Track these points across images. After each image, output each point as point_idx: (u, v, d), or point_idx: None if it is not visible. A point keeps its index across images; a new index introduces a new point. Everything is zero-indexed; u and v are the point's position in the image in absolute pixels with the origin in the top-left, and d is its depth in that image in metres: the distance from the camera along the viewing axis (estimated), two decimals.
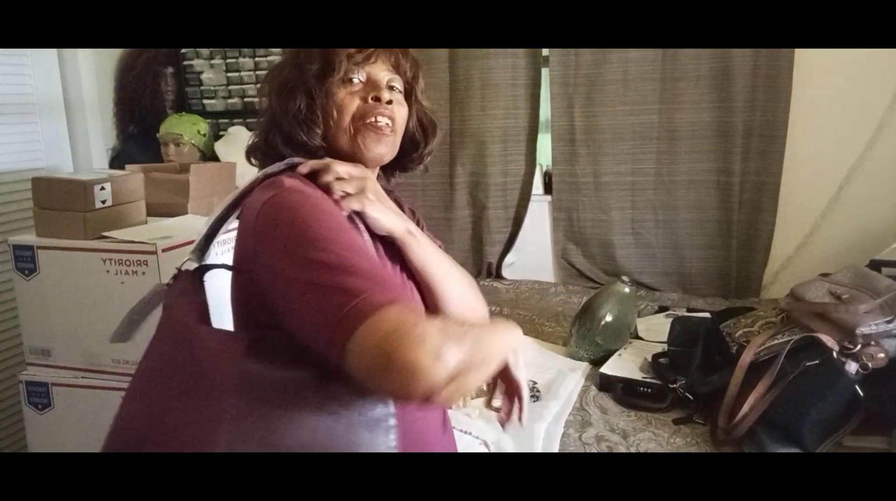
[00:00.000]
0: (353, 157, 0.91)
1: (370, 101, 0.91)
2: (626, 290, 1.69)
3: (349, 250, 0.74)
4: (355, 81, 0.92)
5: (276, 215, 0.78)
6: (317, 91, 0.90)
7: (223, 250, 0.97)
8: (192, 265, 0.84)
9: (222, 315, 0.86)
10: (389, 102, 0.93)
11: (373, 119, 0.91)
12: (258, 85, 2.62)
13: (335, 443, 0.73)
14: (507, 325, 0.80)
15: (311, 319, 0.70)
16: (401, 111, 0.95)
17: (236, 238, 0.84)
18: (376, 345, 0.65)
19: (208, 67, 2.66)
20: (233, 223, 0.88)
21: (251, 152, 0.99)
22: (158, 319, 0.80)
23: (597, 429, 1.27)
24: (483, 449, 1.17)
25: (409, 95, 0.99)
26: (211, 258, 0.88)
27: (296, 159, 0.89)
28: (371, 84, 0.93)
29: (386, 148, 0.94)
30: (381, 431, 0.74)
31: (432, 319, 0.72)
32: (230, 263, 0.85)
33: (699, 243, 2.28)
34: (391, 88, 0.95)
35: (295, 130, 0.90)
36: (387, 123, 0.92)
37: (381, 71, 0.94)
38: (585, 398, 1.41)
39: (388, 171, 1.03)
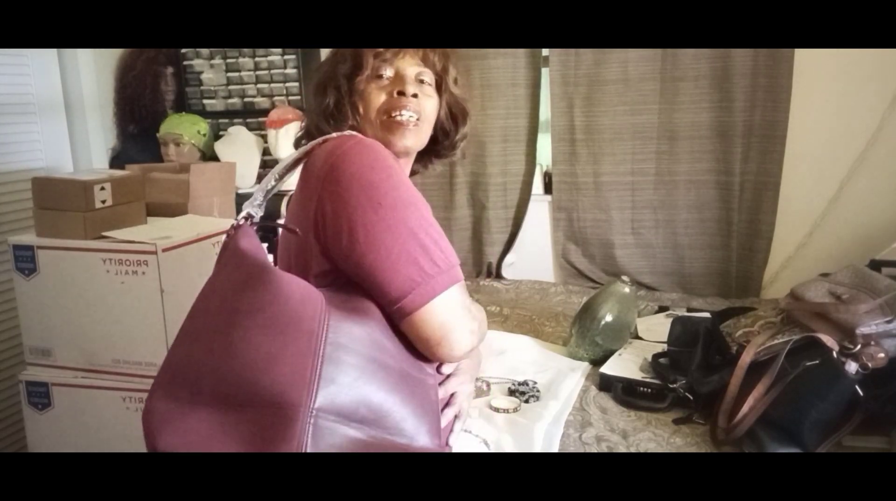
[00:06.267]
0: None
1: (395, 95, 0.97)
2: (626, 290, 1.69)
3: (428, 220, 0.86)
4: (384, 76, 0.99)
5: (358, 160, 0.84)
6: (345, 88, 0.97)
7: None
8: (254, 217, 0.84)
9: None
10: (415, 96, 0.98)
11: (397, 113, 0.97)
12: (258, 85, 2.62)
13: (423, 395, 0.84)
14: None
15: (384, 277, 0.81)
16: (429, 103, 1.01)
17: (299, 192, 0.88)
18: (438, 326, 0.83)
19: (208, 67, 2.66)
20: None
21: (298, 144, 1.06)
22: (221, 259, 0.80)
23: (597, 429, 1.27)
24: (483, 448, 1.17)
25: (439, 86, 1.04)
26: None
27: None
28: (398, 79, 0.99)
29: (411, 141, 0.99)
30: (434, 389, 0.87)
31: (468, 302, 0.90)
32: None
33: (699, 243, 2.28)
34: (421, 81, 1.00)
35: (323, 123, 0.98)
36: (410, 117, 0.98)
37: (410, 65, 1.00)
38: (585, 398, 1.41)
39: (424, 158, 1.09)
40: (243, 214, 0.82)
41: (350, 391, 0.73)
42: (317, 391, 0.70)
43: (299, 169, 0.91)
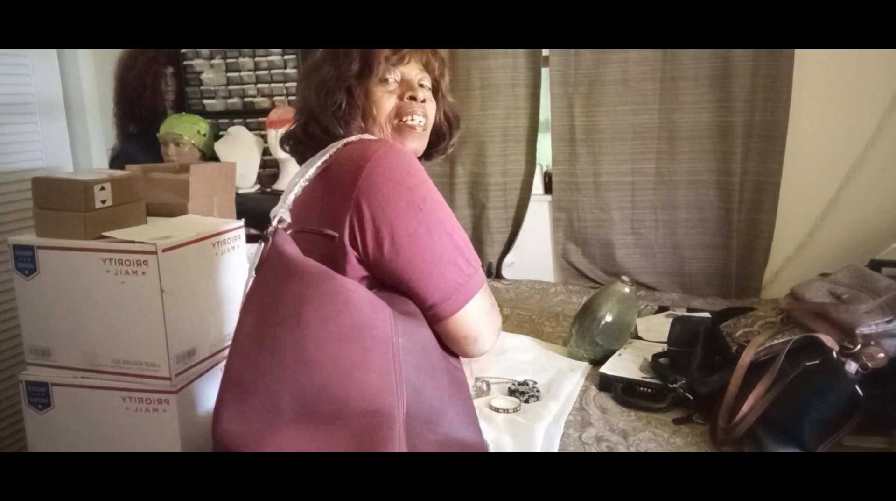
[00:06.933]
0: None
1: (406, 100, 0.99)
2: (626, 290, 1.69)
3: (457, 222, 0.88)
4: (391, 80, 1.00)
5: (393, 165, 0.84)
6: (356, 90, 0.97)
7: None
8: (283, 224, 0.83)
9: None
10: (423, 101, 1.01)
11: (409, 118, 0.99)
12: (258, 85, 2.62)
13: (463, 391, 0.87)
14: None
15: (428, 281, 0.83)
16: (431, 108, 1.04)
17: (319, 196, 0.87)
18: (474, 325, 0.87)
19: (208, 67, 2.66)
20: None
21: (286, 140, 1.05)
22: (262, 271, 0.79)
23: (597, 429, 1.27)
24: None
25: (436, 91, 1.07)
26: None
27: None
28: (405, 84, 1.00)
29: (419, 143, 1.03)
30: (466, 384, 0.90)
31: (493, 300, 0.92)
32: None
33: (699, 242, 2.28)
34: (422, 86, 1.02)
35: (333, 125, 0.96)
36: (420, 121, 1.00)
37: (414, 70, 1.02)
38: (585, 398, 1.41)
39: None
40: (276, 218, 0.82)
41: (424, 393, 0.75)
42: (402, 396, 0.71)
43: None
